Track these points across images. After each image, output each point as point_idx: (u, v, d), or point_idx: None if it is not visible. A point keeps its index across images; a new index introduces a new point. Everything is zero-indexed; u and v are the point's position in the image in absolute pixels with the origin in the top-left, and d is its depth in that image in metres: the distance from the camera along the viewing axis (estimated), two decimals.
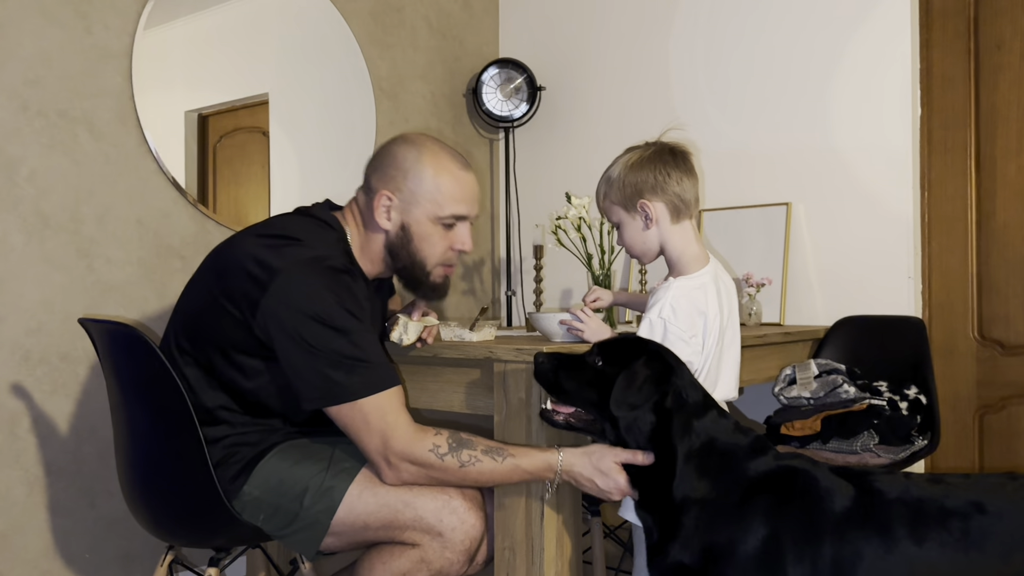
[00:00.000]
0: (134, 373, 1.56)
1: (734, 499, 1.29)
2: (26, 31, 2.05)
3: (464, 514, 1.52)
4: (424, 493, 1.52)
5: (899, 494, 1.26)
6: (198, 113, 2.47)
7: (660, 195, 1.61)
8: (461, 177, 1.66)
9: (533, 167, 3.40)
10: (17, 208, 2.03)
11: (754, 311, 2.56)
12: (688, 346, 1.53)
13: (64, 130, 2.12)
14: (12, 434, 2.02)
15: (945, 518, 1.22)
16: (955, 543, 1.20)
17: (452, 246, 1.67)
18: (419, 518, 1.50)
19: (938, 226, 2.59)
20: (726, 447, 1.36)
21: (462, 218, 1.66)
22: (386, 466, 1.48)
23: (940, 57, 2.59)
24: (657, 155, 1.63)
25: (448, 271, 1.71)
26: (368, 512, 1.51)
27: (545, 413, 1.50)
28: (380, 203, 1.63)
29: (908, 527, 1.22)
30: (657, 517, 1.37)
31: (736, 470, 1.33)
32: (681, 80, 3.01)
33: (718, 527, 1.29)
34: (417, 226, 1.63)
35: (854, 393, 2.14)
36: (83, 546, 2.15)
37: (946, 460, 2.57)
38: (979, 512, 1.22)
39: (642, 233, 1.64)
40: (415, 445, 1.47)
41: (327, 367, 1.45)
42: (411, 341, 1.74)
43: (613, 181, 1.66)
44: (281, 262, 1.48)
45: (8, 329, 2.02)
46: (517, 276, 3.39)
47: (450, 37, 3.27)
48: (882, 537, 1.22)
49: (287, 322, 1.45)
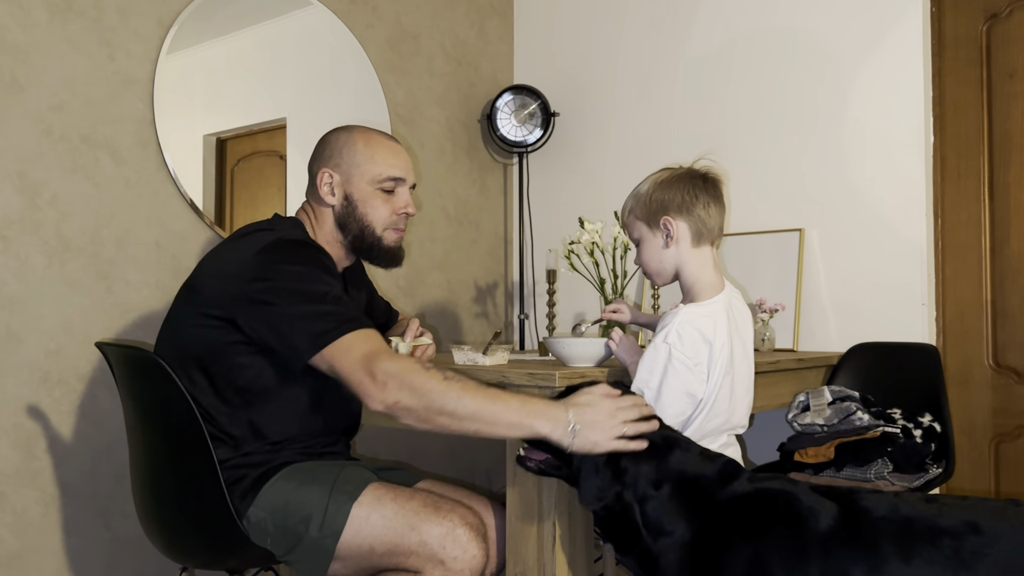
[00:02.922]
0: (149, 396, 1.58)
1: (711, 531, 1.28)
2: (52, 57, 2.10)
3: (467, 544, 1.51)
4: (429, 519, 1.52)
5: (886, 512, 1.23)
6: (216, 137, 2.51)
7: (685, 215, 1.60)
8: (392, 146, 1.81)
9: (547, 192, 3.42)
10: (39, 231, 2.07)
11: (767, 337, 2.56)
12: (692, 374, 1.53)
13: (86, 155, 2.16)
14: (29, 454, 2.04)
15: (936, 537, 1.19)
16: (944, 562, 1.17)
17: (396, 210, 1.79)
18: (423, 543, 1.50)
19: (952, 253, 2.59)
20: (692, 480, 1.34)
21: (399, 180, 1.79)
22: (370, 379, 1.44)
23: (953, 85, 2.60)
24: (688, 177, 1.63)
25: (399, 235, 1.82)
26: (374, 535, 1.52)
27: (520, 459, 1.51)
28: (322, 182, 1.77)
29: (896, 545, 1.19)
30: (640, 564, 1.36)
31: (709, 501, 1.31)
32: (694, 107, 3.03)
33: (701, 564, 1.27)
34: (359, 193, 1.76)
35: (868, 420, 2.13)
36: (97, 567, 2.16)
37: (961, 488, 2.54)
38: (974, 532, 1.18)
39: (660, 251, 1.63)
40: (401, 359, 1.49)
41: (308, 318, 1.50)
42: None
43: (640, 196, 1.65)
44: (245, 251, 1.59)
45: (28, 350, 2.04)
46: (530, 300, 3.40)
47: (465, 64, 3.31)
48: (868, 555, 1.20)
49: (265, 293, 1.53)
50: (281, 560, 1.58)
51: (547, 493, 1.59)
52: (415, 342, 1.82)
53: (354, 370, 1.46)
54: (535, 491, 1.61)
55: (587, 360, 1.76)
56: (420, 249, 3.10)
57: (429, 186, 3.14)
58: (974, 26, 2.57)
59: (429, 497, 1.59)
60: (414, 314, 3.03)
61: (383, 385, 1.44)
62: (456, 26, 3.27)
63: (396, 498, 1.55)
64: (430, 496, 1.59)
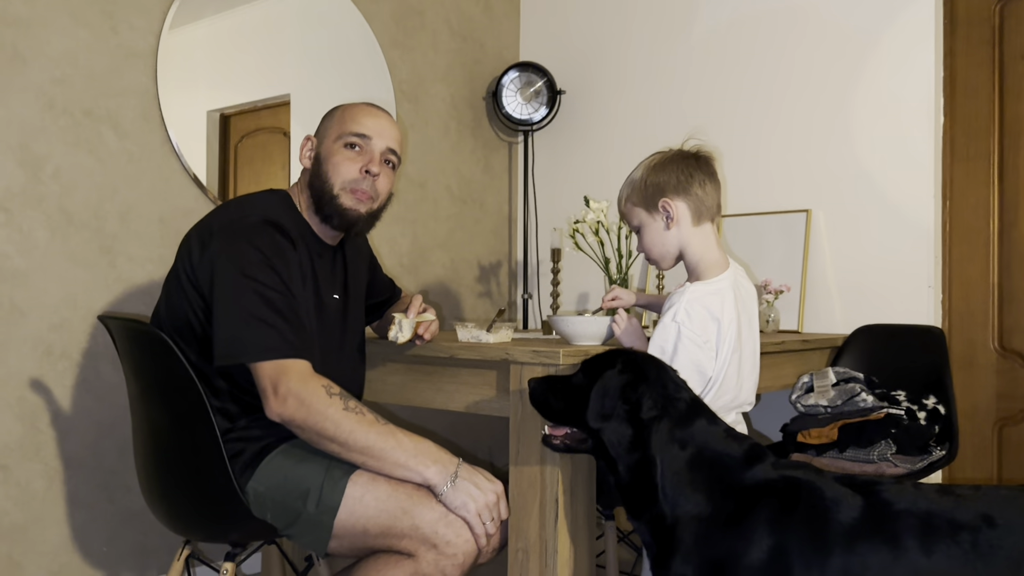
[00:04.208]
0: (152, 369, 1.57)
1: (731, 511, 1.27)
2: (53, 30, 2.08)
3: (460, 528, 1.50)
4: (422, 502, 1.51)
5: (907, 505, 1.23)
6: (220, 113, 2.50)
7: (682, 195, 1.61)
8: (369, 110, 1.77)
9: (552, 170, 3.40)
10: (41, 205, 2.06)
11: (772, 318, 2.55)
12: (701, 351, 1.53)
13: (89, 128, 2.15)
14: (33, 427, 2.05)
15: (954, 531, 1.19)
16: (963, 556, 1.18)
17: (360, 168, 1.71)
18: (415, 527, 1.49)
19: (959, 235, 2.57)
20: (717, 456, 1.33)
21: (363, 137, 1.72)
22: (272, 394, 1.49)
23: (964, 66, 2.57)
24: (680, 157, 1.64)
25: (359, 196, 1.71)
26: (368, 516, 1.51)
27: (545, 439, 1.50)
28: (304, 148, 1.78)
29: (917, 539, 1.20)
30: (653, 531, 1.35)
31: (731, 480, 1.30)
32: (701, 85, 3.01)
33: (717, 541, 1.26)
34: (324, 151, 1.73)
35: (872, 402, 2.12)
36: (100, 539, 2.17)
37: (964, 471, 2.54)
38: (989, 525, 1.19)
39: (662, 234, 1.63)
40: (309, 382, 1.50)
41: (236, 323, 1.51)
42: (407, 339, 1.78)
43: (635, 182, 1.66)
44: (210, 229, 1.61)
45: (31, 324, 2.04)
46: (534, 279, 3.40)
47: (471, 40, 3.28)
48: (891, 549, 1.20)
49: (215, 276, 1.55)
50: (283, 534, 1.58)
51: (549, 470, 1.59)
52: (418, 318, 1.82)
53: (260, 378, 1.50)
54: (537, 468, 1.61)
55: (591, 339, 1.75)
56: (423, 227, 3.09)
57: (433, 164, 3.13)
58: (987, 6, 2.54)
59: None
60: (417, 293, 3.03)
61: (283, 400, 1.49)
62: (462, 2, 3.23)
63: (390, 479, 1.55)
64: None
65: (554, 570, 1.58)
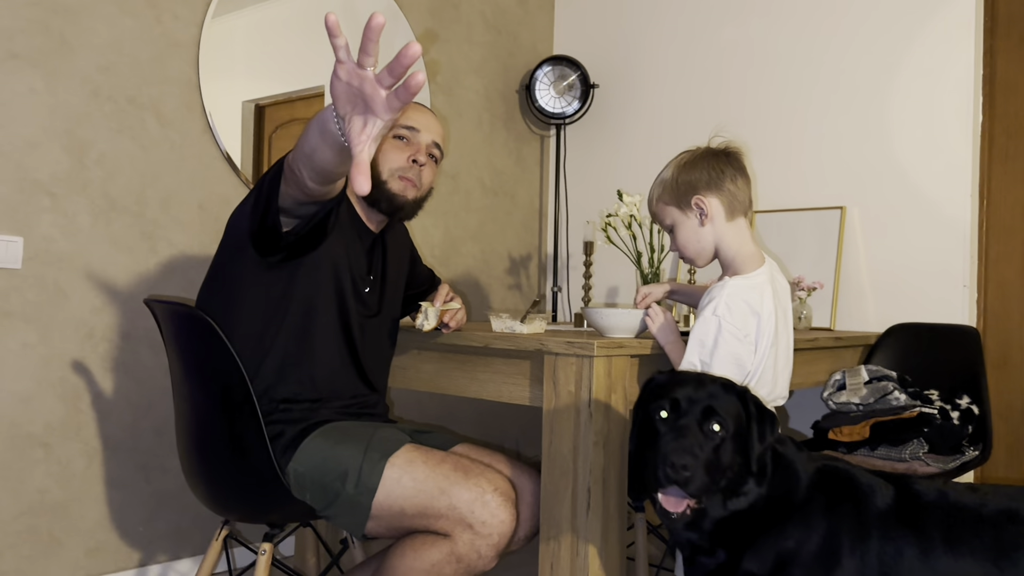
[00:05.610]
0: (196, 352, 1.60)
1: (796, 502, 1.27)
2: (100, 19, 2.12)
3: (496, 509, 1.53)
4: (459, 483, 1.54)
5: (935, 498, 1.25)
6: (255, 103, 2.53)
7: (715, 191, 1.61)
8: (414, 104, 1.84)
9: (584, 164, 3.41)
10: (86, 190, 2.10)
11: (804, 315, 2.54)
12: (742, 344, 1.53)
13: (132, 116, 2.19)
14: (75, 408, 2.09)
15: (978, 526, 1.21)
16: (985, 551, 1.19)
17: (407, 158, 1.79)
18: (453, 507, 1.52)
19: (996, 235, 2.55)
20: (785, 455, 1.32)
21: (412, 129, 1.80)
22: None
23: (1004, 64, 2.54)
24: (710, 154, 1.65)
25: (405, 183, 1.79)
26: (405, 497, 1.54)
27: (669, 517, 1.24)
28: None
29: (942, 532, 1.21)
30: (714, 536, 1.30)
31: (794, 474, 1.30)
32: (735, 80, 3.00)
33: (788, 532, 1.25)
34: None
35: (904, 400, 2.11)
36: (137, 519, 2.21)
37: (997, 472, 2.52)
38: (1011, 522, 1.21)
39: (697, 231, 1.64)
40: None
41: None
42: (432, 326, 1.81)
43: (667, 182, 1.67)
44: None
45: (74, 307, 2.09)
46: (563, 272, 3.40)
47: (505, 33, 3.29)
48: (920, 539, 1.21)
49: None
50: (321, 515, 1.61)
51: (582, 460, 1.61)
52: (444, 307, 1.84)
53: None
54: (570, 457, 1.62)
55: (625, 331, 1.76)
56: (455, 219, 3.10)
57: (465, 156, 3.14)
58: None
59: (460, 461, 1.60)
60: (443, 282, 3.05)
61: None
62: None
63: (427, 461, 1.57)
64: (461, 460, 1.61)
65: (585, 559, 1.60)
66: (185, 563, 2.30)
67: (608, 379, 1.63)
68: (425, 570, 1.50)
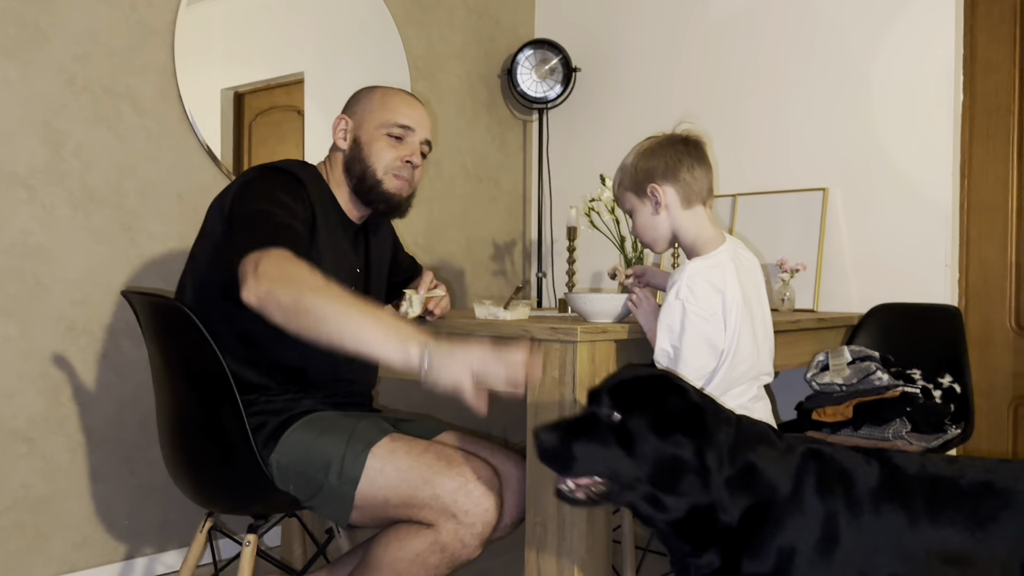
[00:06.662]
0: (176, 344, 1.59)
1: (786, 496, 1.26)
2: (74, 7, 2.09)
3: (479, 498, 1.52)
4: (442, 472, 1.53)
5: (916, 470, 1.27)
6: (234, 91, 2.50)
7: (670, 180, 1.63)
8: (408, 99, 1.83)
9: (567, 149, 3.40)
10: (63, 181, 2.08)
11: (787, 297, 2.55)
12: (709, 324, 1.54)
13: (109, 105, 2.16)
14: (56, 401, 2.08)
15: (957, 498, 1.23)
16: (964, 522, 1.21)
17: (401, 157, 1.78)
18: (436, 496, 1.51)
19: (977, 214, 2.56)
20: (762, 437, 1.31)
21: (407, 128, 1.78)
22: (252, 272, 1.41)
23: (985, 42, 2.54)
24: (669, 143, 1.66)
25: (400, 182, 1.79)
26: (388, 487, 1.53)
27: (564, 495, 1.29)
28: (337, 127, 1.81)
29: (924, 503, 1.23)
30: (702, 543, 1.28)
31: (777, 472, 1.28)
32: (718, 62, 2.99)
33: (785, 524, 1.24)
34: (366, 136, 1.77)
35: (887, 380, 2.13)
36: (122, 512, 2.21)
37: (979, 450, 2.55)
38: (989, 494, 1.23)
39: (652, 219, 1.66)
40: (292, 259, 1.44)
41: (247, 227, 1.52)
42: (416, 314, 1.81)
43: (627, 168, 1.69)
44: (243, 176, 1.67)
45: (54, 300, 2.07)
46: (548, 258, 3.40)
47: (486, 17, 3.27)
48: (907, 512, 1.23)
49: (232, 204, 1.59)
50: (305, 506, 1.61)
51: None
52: (428, 294, 1.84)
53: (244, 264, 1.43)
54: None
55: (607, 316, 1.76)
56: (438, 206, 3.09)
57: (448, 142, 3.13)
58: None
59: (443, 450, 1.60)
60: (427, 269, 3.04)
61: (260, 276, 1.39)
62: None
63: (410, 451, 1.57)
64: (444, 449, 1.61)
65: (571, 543, 1.60)
66: (171, 555, 2.29)
67: (592, 364, 1.63)
68: (409, 560, 1.50)
